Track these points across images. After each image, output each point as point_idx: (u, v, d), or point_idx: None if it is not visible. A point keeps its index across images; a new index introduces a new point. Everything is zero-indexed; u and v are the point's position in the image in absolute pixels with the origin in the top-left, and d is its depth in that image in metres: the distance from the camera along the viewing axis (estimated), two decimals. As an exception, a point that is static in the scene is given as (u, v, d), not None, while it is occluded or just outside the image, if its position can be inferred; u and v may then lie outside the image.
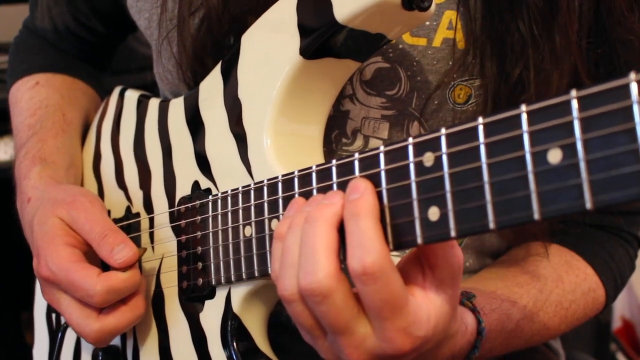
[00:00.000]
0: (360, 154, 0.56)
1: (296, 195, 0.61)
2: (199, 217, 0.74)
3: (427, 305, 0.53)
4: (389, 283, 0.51)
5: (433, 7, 0.63)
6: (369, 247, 0.51)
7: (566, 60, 0.70)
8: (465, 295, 0.67)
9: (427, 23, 0.73)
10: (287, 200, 0.62)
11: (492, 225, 0.47)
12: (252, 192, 0.67)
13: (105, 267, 0.74)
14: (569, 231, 0.84)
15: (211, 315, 0.73)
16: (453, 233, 0.49)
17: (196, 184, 0.77)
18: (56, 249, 0.73)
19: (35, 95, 0.97)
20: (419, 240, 0.51)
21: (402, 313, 0.52)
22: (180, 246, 0.76)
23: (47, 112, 0.95)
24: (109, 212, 0.84)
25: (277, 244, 0.58)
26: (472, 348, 0.66)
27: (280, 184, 0.63)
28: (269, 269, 0.64)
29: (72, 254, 0.73)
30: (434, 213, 0.50)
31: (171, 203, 0.80)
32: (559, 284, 0.78)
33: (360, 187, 0.53)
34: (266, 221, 0.64)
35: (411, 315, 0.52)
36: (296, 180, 0.62)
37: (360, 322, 0.53)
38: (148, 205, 0.83)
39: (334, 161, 0.58)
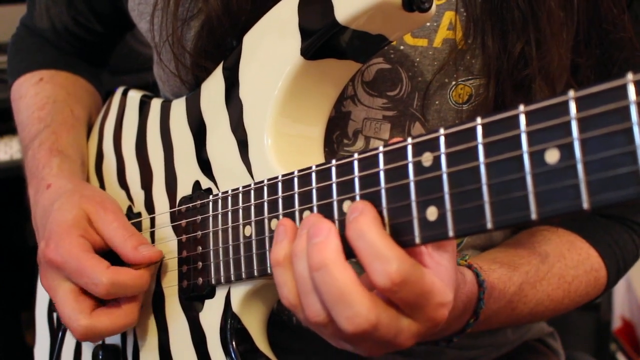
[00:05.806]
0: (359, 154, 0.56)
1: (295, 196, 0.62)
2: (199, 217, 0.74)
3: (439, 269, 0.54)
4: (417, 280, 0.51)
5: (434, 8, 0.63)
6: (386, 256, 0.51)
7: (565, 34, 0.71)
8: (459, 256, 0.69)
9: (428, 24, 0.73)
10: (287, 200, 0.62)
11: (489, 225, 0.47)
12: (252, 192, 0.67)
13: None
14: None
15: (211, 314, 0.73)
16: (451, 233, 0.50)
17: (197, 184, 0.77)
18: (70, 237, 0.74)
19: (41, 91, 0.98)
20: (417, 240, 0.52)
21: (433, 294, 0.53)
22: (181, 246, 0.76)
23: (56, 108, 0.95)
24: None
25: (277, 270, 0.58)
26: (478, 301, 0.67)
27: (280, 184, 0.64)
28: (269, 269, 0.64)
29: (85, 245, 0.74)
30: (432, 213, 0.51)
31: (172, 203, 0.80)
32: (561, 259, 0.79)
33: (359, 205, 0.54)
34: (266, 221, 0.64)
35: (438, 289, 0.53)
36: (296, 180, 0.62)
37: (401, 320, 0.54)
38: (149, 205, 0.83)
39: (333, 161, 0.58)
